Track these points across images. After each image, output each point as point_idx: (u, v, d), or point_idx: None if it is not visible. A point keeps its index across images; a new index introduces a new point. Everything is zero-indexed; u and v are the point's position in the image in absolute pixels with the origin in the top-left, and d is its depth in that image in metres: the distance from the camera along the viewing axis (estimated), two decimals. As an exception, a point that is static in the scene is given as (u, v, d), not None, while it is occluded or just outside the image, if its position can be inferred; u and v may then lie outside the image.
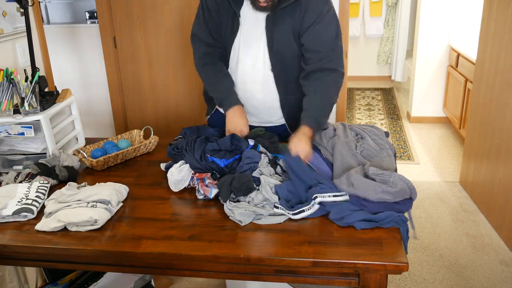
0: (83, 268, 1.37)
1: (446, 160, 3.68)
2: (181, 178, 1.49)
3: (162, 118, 3.26)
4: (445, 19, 4.22)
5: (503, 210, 2.59)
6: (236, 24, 1.69)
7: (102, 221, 1.30)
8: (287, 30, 1.65)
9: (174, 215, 1.37)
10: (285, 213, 1.31)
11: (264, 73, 1.72)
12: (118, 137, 1.89)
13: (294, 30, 1.65)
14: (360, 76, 6.21)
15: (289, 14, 1.63)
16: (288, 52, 1.69)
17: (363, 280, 1.17)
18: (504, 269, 2.35)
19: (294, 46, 1.68)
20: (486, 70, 2.81)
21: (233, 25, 1.69)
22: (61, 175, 1.59)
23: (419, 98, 4.50)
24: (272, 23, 1.65)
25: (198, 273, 1.27)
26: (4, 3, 1.98)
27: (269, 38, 1.67)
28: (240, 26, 1.69)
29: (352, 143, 1.53)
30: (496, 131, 2.67)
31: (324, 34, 1.64)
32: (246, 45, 1.71)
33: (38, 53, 2.23)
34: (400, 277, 2.30)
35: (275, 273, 1.21)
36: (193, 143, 1.54)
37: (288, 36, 1.66)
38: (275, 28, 1.65)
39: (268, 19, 1.65)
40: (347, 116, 4.80)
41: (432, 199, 3.06)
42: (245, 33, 1.70)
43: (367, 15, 5.88)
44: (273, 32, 1.66)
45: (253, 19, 1.67)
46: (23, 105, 1.66)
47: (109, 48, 3.11)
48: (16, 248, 1.26)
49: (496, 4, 2.66)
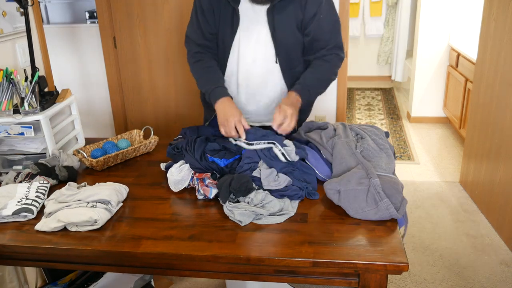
0: (83, 268, 1.37)
1: (446, 160, 3.68)
2: (181, 178, 1.49)
3: (162, 118, 3.26)
4: (445, 19, 4.22)
5: (503, 210, 2.59)
6: (236, 21, 1.69)
7: (102, 221, 1.30)
8: (291, 21, 1.67)
9: (174, 215, 1.37)
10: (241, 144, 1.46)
11: (268, 67, 1.73)
12: (118, 137, 1.89)
13: (298, 21, 1.68)
14: (360, 76, 6.21)
15: (290, 5, 1.65)
16: (293, 43, 1.71)
17: (363, 280, 1.17)
18: (504, 269, 2.35)
19: (299, 36, 1.70)
20: (486, 70, 2.81)
21: (233, 22, 1.70)
22: (61, 175, 1.59)
23: (419, 98, 4.50)
24: (274, 15, 1.66)
25: (198, 273, 1.27)
26: (4, 3, 1.98)
27: (272, 30, 1.67)
28: (239, 23, 1.70)
29: (352, 143, 1.53)
30: (496, 131, 2.67)
31: (327, 22, 1.69)
32: (247, 41, 1.71)
33: (38, 53, 2.23)
34: (400, 277, 2.30)
35: (275, 273, 1.21)
36: (193, 143, 1.54)
37: (292, 26, 1.68)
38: (278, 20, 1.66)
39: (269, 12, 1.66)
40: (347, 116, 4.80)
41: (432, 199, 3.06)
42: (245, 28, 1.70)
43: (367, 15, 5.88)
44: (276, 23, 1.67)
45: (252, 13, 1.68)
46: (23, 105, 1.66)
47: (109, 48, 3.11)
48: (16, 248, 1.26)
49: (496, 4, 2.66)
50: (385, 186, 1.30)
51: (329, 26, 1.70)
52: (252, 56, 1.72)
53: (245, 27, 1.70)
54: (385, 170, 1.42)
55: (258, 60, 1.72)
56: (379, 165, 1.44)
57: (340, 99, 3.12)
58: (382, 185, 1.30)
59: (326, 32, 1.70)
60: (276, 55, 1.71)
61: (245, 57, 1.73)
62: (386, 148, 1.54)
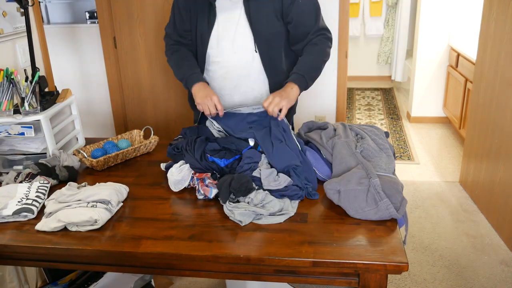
0: (83, 268, 1.37)
1: (446, 160, 3.68)
2: (181, 178, 1.49)
3: (162, 118, 3.26)
4: (445, 19, 4.22)
5: (503, 210, 2.59)
6: (213, 15, 1.72)
7: (102, 221, 1.30)
8: (268, 9, 1.70)
9: (174, 215, 1.37)
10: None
11: (247, 57, 1.75)
12: (118, 137, 1.89)
13: (276, 10, 1.70)
14: (360, 76, 6.22)
15: None
16: (272, 32, 1.73)
17: (363, 280, 1.17)
18: (504, 269, 2.35)
19: (278, 25, 1.72)
20: (486, 70, 2.81)
21: (209, 17, 1.73)
22: (61, 175, 1.59)
23: (419, 98, 4.50)
24: (251, 5, 1.68)
25: (198, 273, 1.27)
26: (4, 3, 1.98)
27: (250, 20, 1.69)
28: (216, 17, 1.72)
29: (352, 143, 1.53)
30: (496, 131, 2.67)
31: (307, 5, 1.72)
32: (226, 33, 1.73)
33: (38, 53, 2.24)
34: (400, 277, 2.30)
35: (275, 273, 1.21)
36: (193, 143, 1.54)
37: (270, 15, 1.70)
38: (254, 9, 1.69)
39: (245, 1, 1.68)
40: (347, 116, 4.80)
41: (432, 199, 3.06)
42: (223, 21, 1.73)
43: (367, 15, 5.88)
44: (254, 13, 1.69)
45: (230, 5, 1.71)
46: (23, 105, 1.66)
47: (109, 48, 3.11)
48: (16, 248, 1.26)
49: (496, 4, 2.66)
50: (385, 186, 1.30)
51: (310, 8, 1.73)
52: (232, 48, 1.74)
53: (224, 20, 1.72)
54: (385, 170, 1.42)
55: (238, 52, 1.74)
56: (379, 165, 1.44)
57: (340, 99, 3.12)
58: (382, 185, 1.30)
59: (308, 15, 1.73)
60: (255, 45, 1.72)
61: (226, 49, 1.75)
62: (386, 148, 1.54)
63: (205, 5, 1.73)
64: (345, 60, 2.99)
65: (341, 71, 3.02)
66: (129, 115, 3.31)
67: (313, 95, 3.07)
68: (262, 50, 1.73)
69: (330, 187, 1.34)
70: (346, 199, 1.30)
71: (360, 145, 1.53)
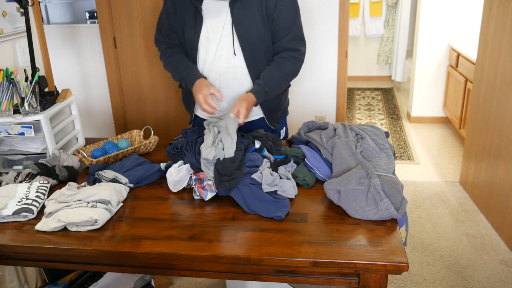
0: (83, 268, 1.37)
1: (446, 160, 3.68)
2: (179, 179, 1.49)
3: (162, 118, 3.26)
4: (445, 19, 4.22)
5: (503, 210, 2.59)
6: (199, 20, 1.73)
7: (102, 221, 1.30)
8: (253, 14, 1.70)
9: (174, 215, 1.37)
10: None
11: (233, 62, 1.75)
12: (118, 137, 1.89)
13: (262, 15, 1.71)
14: (360, 76, 6.21)
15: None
16: (257, 37, 1.73)
17: (363, 280, 1.17)
18: (504, 269, 2.35)
19: (262, 30, 1.73)
20: (486, 70, 2.81)
21: (196, 21, 1.74)
22: (61, 175, 1.59)
23: (419, 98, 4.50)
24: (237, 9, 1.69)
25: (198, 273, 1.27)
26: (4, 3, 1.98)
27: (236, 24, 1.70)
28: (203, 21, 1.73)
29: (352, 143, 1.53)
30: (496, 131, 2.67)
31: (286, 11, 1.73)
32: (213, 37, 1.74)
33: (38, 53, 2.24)
34: (400, 277, 2.30)
35: (275, 273, 1.21)
36: (193, 143, 1.54)
37: (255, 19, 1.71)
38: (239, 13, 1.69)
39: (231, 5, 1.69)
40: (347, 116, 4.80)
41: (432, 199, 3.06)
42: (210, 25, 1.74)
43: (367, 15, 5.88)
44: (240, 17, 1.70)
45: (216, 10, 1.72)
46: (23, 105, 1.66)
47: (109, 48, 3.11)
48: (16, 248, 1.26)
49: (496, 4, 2.66)
50: (385, 186, 1.30)
51: (289, 15, 1.74)
52: (218, 52, 1.75)
53: (211, 24, 1.73)
54: (385, 170, 1.42)
55: (223, 55, 1.75)
56: (379, 165, 1.44)
57: (340, 99, 3.11)
58: (382, 185, 1.30)
59: (285, 20, 1.73)
60: (241, 49, 1.73)
61: (212, 53, 1.76)
62: (386, 148, 1.54)
63: (191, 10, 1.74)
64: (345, 60, 2.99)
65: (341, 71, 3.02)
66: (129, 115, 3.31)
67: (313, 95, 3.07)
68: (246, 53, 1.74)
69: (330, 187, 1.34)
70: (346, 199, 1.30)
71: (360, 145, 1.53)
